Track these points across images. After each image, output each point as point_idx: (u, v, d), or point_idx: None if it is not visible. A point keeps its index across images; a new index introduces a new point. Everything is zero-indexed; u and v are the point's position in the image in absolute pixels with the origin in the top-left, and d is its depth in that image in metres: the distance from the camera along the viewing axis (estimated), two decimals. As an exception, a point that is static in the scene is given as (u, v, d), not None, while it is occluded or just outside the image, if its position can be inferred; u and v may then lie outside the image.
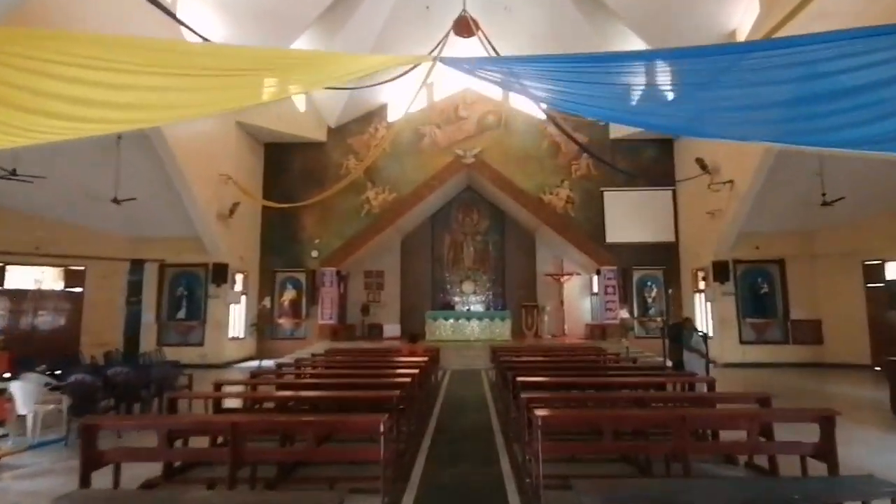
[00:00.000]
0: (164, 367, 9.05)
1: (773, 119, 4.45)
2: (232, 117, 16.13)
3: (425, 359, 9.07)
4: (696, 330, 9.68)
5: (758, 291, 15.47)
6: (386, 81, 11.97)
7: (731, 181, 14.45)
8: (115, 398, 7.51)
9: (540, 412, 4.44)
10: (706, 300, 16.05)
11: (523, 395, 5.35)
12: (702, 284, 16.51)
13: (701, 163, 15.34)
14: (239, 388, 7.95)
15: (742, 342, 15.29)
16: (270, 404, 6.79)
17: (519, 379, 6.23)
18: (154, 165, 13.23)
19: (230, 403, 7.02)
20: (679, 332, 10.20)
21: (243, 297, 16.82)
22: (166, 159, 13.13)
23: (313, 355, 10.03)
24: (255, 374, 8.62)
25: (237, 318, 16.52)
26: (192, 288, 15.54)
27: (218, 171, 15.26)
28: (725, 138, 5.13)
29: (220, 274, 15.37)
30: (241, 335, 16.77)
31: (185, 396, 6.82)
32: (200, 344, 15.40)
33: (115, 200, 12.61)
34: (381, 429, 4.24)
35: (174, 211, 14.41)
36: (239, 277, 16.59)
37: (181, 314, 15.46)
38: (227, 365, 15.42)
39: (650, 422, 5.13)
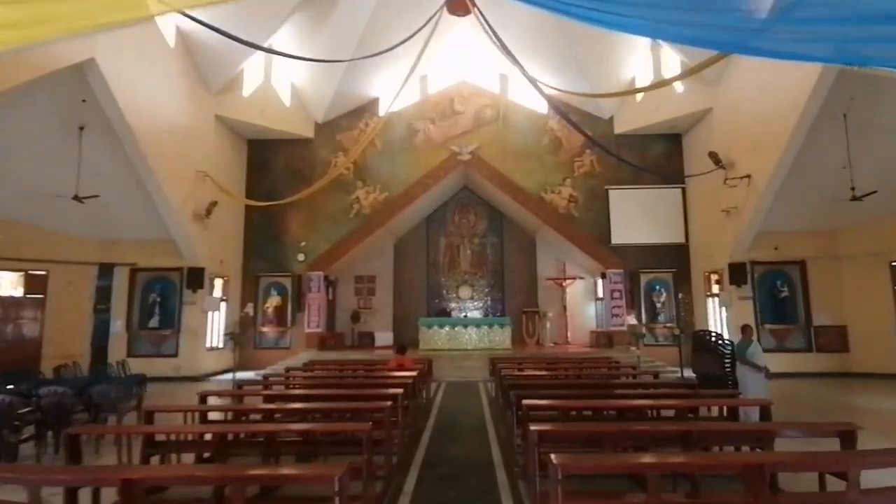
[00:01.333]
0: (114, 386, 7.69)
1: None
2: (210, 110, 14.87)
3: (414, 373, 7.77)
4: (752, 339, 8.25)
5: (777, 296, 14.19)
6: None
7: (748, 176, 13.22)
8: (37, 425, 6.18)
9: (559, 459, 3.15)
10: (720, 305, 14.76)
11: (533, 428, 4.04)
12: (715, 288, 15.23)
13: (714, 157, 14.11)
14: (191, 412, 6.57)
15: (762, 351, 13.93)
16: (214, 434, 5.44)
17: (526, 402, 4.93)
18: (121, 160, 11.97)
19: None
20: (704, 341, 8.94)
21: (223, 304, 15.50)
22: (132, 153, 11.86)
23: (287, 370, 8.71)
24: (204, 396, 7.15)
25: (216, 327, 15.20)
26: (165, 294, 14.22)
27: (194, 168, 13.99)
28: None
29: (196, 279, 14.05)
30: (221, 345, 15.44)
31: (86, 432, 5.21)
32: (174, 355, 14.05)
33: (77, 198, 11.35)
34: (336, 487, 2.95)
35: (146, 211, 13.12)
36: (218, 283, 15.27)
37: (154, 322, 14.12)
38: (204, 377, 14.09)
39: (712, 468, 3.83)
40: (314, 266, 16.43)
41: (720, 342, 8.69)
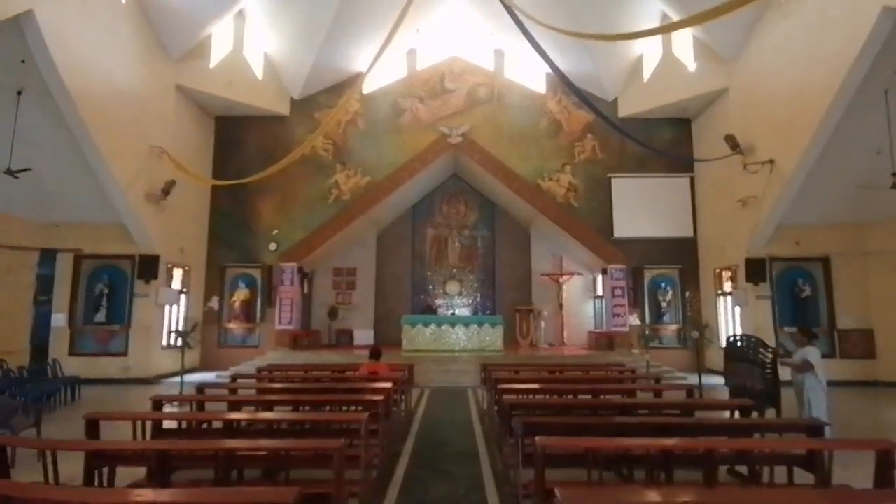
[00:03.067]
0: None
1: None
2: (170, 79, 13.10)
3: (388, 385, 6.12)
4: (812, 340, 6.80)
5: (798, 295, 12.73)
6: None
7: (770, 161, 11.72)
8: None
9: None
10: (734, 305, 13.26)
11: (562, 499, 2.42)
12: (727, 286, 13.74)
13: (732, 140, 12.61)
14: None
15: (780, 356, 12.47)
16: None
17: (541, 441, 3.31)
18: (63, 131, 10.24)
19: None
20: (740, 348, 7.40)
21: (182, 297, 13.73)
22: (72, 121, 10.13)
23: (233, 379, 7.00)
24: (159, 401, 5.62)
25: (175, 323, 13.44)
26: (114, 285, 12.43)
27: (148, 143, 12.22)
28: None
29: (149, 268, 12.28)
30: (180, 343, 13.66)
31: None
32: (124, 353, 12.28)
33: (10, 172, 9.58)
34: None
35: (91, 189, 11.34)
36: (177, 273, 13.49)
37: (100, 317, 12.32)
38: (158, 379, 12.33)
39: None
40: (287, 256, 14.71)
41: (761, 350, 7.15)
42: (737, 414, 5.68)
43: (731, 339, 7.69)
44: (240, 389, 6.61)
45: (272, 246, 14.79)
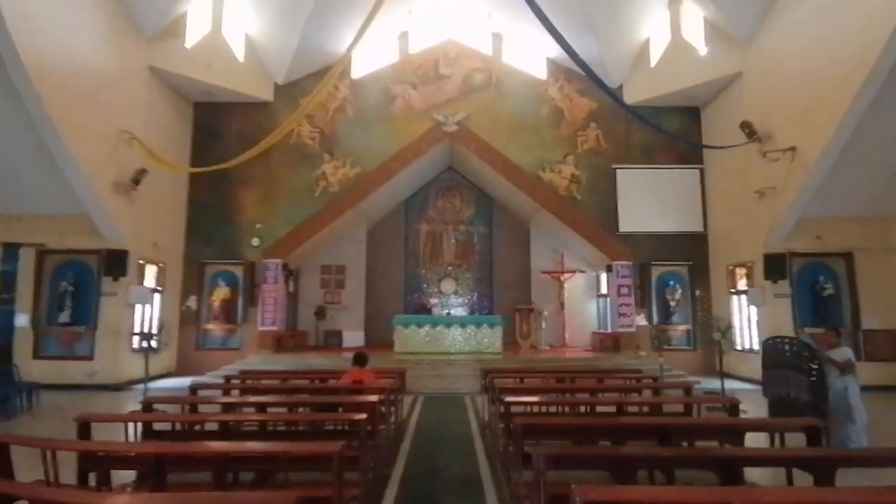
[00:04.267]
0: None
1: None
2: (142, 59, 12.00)
3: (374, 398, 5.07)
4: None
5: (820, 293, 11.76)
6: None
7: (792, 148, 10.76)
8: None
9: None
10: (749, 304, 12.29)
11: None
12: (742, 284, 12.77)
13: (749, 127, 11.64)
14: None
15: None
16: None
17: (581, 493, 2.28)
18: (21, 113, 9.12)
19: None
20: (782, 352, 6.41)
21: (157, 296, 12.63)
22: (28, 100, 9.02)
23: (192, 390, 5.89)
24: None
25: (147, 324, 12.33)
26: (80, 282, 11.31)
27: (117, 128, 11.11)
28: None
29: (117, 264, 11.17)
30: (154, 345, 12.56)
31: None
32: (89, 357, 11.16)
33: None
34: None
35: (54, 178, 10.23)
36: (150, 270, 12.38)
37: (64, 317, 11.19)
38: (126, 385, 11.21)
39: None
40: (271, 252, 13.63)
41: (806, 353, 6.16)
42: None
43: (771, 341, 6.69)
44: (199, 404, 5.54)
45: (255, 241, 13.69)
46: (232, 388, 6.22)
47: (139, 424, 4.87)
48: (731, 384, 11.62)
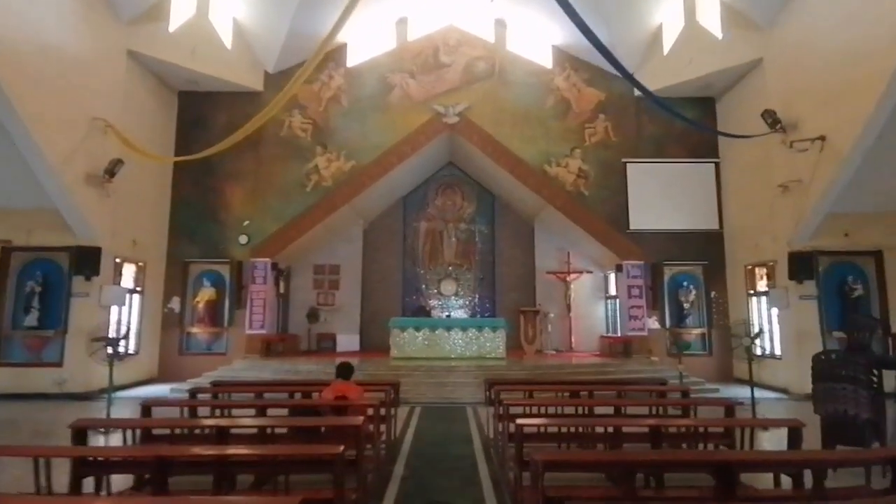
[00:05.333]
0: None
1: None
2: (119, 42, 11.06)
3: (358, 420, 4.11)
4: None
5: (848, 295, 10.81)
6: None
7: (821, 137, 9.82)
8: None
9: None
10: (771, 306, 11.32)
11: None
12: (762, 285, 11.83)
13: (772, 116, 10.69)
14: None
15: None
16: None
17: None
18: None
19: None
20: (833, 365, 5.46)
21: (136, 297, 11.67)
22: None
23: (145, 410, 4.87)
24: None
25: (126, 327, 11.35)
26: (49, 282, 10.34)
27: (90, 115, 10.17)
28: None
29: (89, 262, 10.19)
30: (133, 351, 11.62)
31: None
32: (58, 364, 10.19)
33: None
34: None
35: (22, 168, 9.28)
36: (129, 269, 11.43)
37: (31, 320, 10.20)
38: (98, 395, 10.22)
39: None
40: (260, 251, 12.67)
41: (862, 361, 5.22)
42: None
43: (823, 356, 5.73)
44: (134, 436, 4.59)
45: (242, 239, 12.73)
46: (193, 405, 5.26)
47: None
48: (744, 391, 10.66)
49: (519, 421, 4.06)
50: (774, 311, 11.36)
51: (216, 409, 5.68)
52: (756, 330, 8.09)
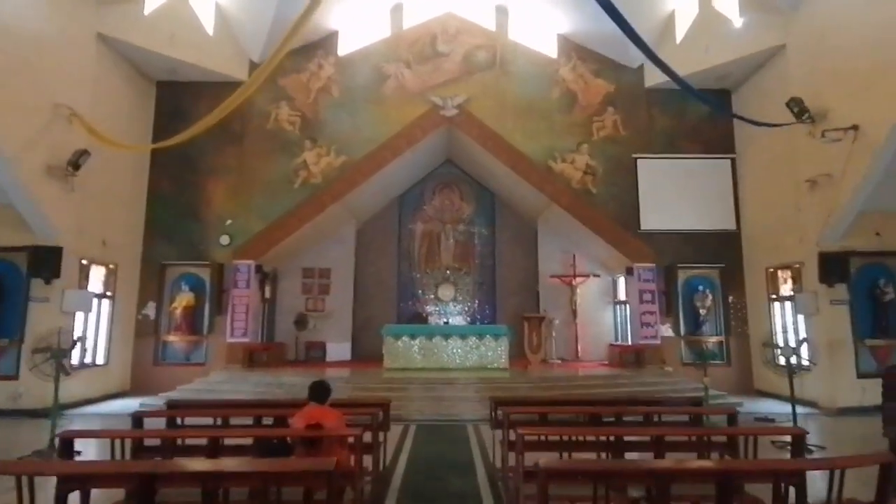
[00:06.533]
0: None
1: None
2: (88, 24, 10.04)
3: (330, 461, 3.08)
4: None
5: (880, 299, 9.84)
6: None
7: (854, 127, 8.87)
8: None
9: None
10: (797, 312, 10.31)
11: None
12: (786, 289, 10.84)
13: (799, 104, 9.73)
14: None
15: (860, 376, 9.59)
16: None
17: None
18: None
19: None
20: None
21: (105, 303, 10.61)
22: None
23: (60, 447, 3.81)
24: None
25: (93, 334, 10.32)
26: (5, 286, 9.25)
27: (52, 101, 9.15)
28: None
29: (48, 263, 9.10)
30: (102, 361, 10.55)
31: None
32: (14, 376, 9.09)
33: None
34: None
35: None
36: (97, 272, 10.36)
37: (-15, 328, 9.16)
38: (61, 410, 9.14)
39: None
40: (243, 252, 11.64)
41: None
42: None
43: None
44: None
45: (224, 239, 11.69)
46: (123, 437, 4.21)
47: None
48: (772, 405, 9.72)
49: (542, 463, 3.04)
50: (800, 317, 10.34)
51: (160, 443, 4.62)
52: (799, 338, 7.00)
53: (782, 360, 7.45)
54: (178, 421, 4.97)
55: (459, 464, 5.95)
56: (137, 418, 4.80)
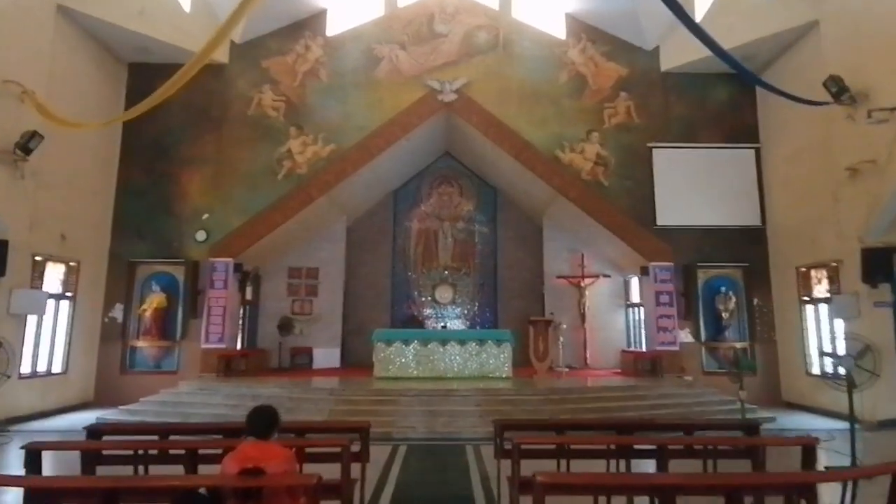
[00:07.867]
0: None
1: None
2: (45, -6, 8.98)
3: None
4: None
5: (925, 300, 8.71)
6: None
7: (903, 107, 7.79)
8: None
9: None
10: (835, 316, 9.19)
11: None
12: (820, 290, 9.72)
13: (838, 84, 8.62)
14: None
15: None
16: None
17: None
18: None
19: None
20: None
21: (64, 304, 9.49)
22: None
23: None
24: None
25: (51, 340, 9.20)
26: (-55, 284, 8.17)
27: (1, 77, 8.07)
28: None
29: (-8, 259, 8.03)
30: (59, 369, 9.42)
31: None
32: (-47, 386, 7.99)
33: None
34: None
35: None
36: (56, 270, 9.24)
37: (-79, 332, 8.03)
38: (6, 424, 8.01)
39: None
40: (221, 249, 10.54)
41: None
42: None
43: None
44: None
45: (200, 235, 10.58)
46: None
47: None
48: (806, 419, 8.62)
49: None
50: (839, 321, 9.21)
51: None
52: (861, 346, 5.88)
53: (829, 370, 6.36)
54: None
55: (457, 497, 4.81)
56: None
